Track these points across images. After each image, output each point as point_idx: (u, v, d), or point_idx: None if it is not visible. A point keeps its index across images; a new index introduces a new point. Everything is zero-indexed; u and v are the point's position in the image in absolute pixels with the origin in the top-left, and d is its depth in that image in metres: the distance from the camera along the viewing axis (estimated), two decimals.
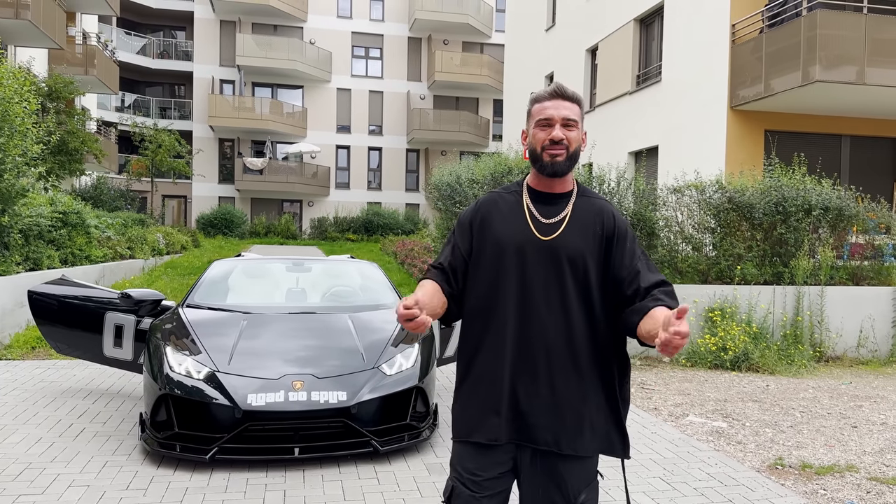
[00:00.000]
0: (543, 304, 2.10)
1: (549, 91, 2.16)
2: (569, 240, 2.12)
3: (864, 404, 6.48)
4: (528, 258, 2.12)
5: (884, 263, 9.61)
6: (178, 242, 19.62)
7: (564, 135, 2.11)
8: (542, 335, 2.09)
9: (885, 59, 11.15)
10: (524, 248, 2.13)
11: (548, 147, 2.12)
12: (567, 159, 2.13)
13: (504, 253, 2.14)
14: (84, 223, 10.97)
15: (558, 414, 2.09)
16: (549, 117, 2.13)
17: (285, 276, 6.36)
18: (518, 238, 2.14)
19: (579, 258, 2.11)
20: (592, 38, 18.39)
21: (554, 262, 2.11)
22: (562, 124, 2.12)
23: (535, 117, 2.17)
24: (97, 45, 23.47)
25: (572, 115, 2.13)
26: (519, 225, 2.16)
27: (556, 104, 2.14)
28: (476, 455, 2.15)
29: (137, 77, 35.12)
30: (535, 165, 2.17)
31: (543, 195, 2.20)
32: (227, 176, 33.66)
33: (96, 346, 5.75)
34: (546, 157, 2.13)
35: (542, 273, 2.11)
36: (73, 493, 3.92)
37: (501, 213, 2.20)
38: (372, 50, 35.12)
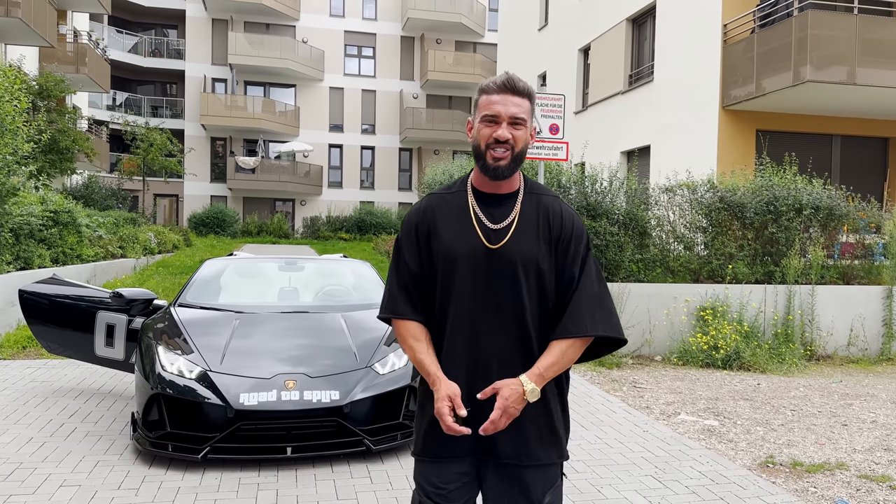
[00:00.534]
0: (496, 316, 2.02)
1: (498, 83, 2.01)
2: (518, 246, 2.02)
3: (854, 402, 6.52)
4: (478, 268, 2.02)
5: (874, 262, 9.67)
6: (170, 241, 19.55)
7: (511, 134, 1.98)
8: (496, 348, 2.02)
9: (876, 60, 11.22)
10: (473, 258, 2.02)
11: (492, 146, 1.99)
12: (511, 161, 2.00)
13: (453, 264, 2.04)
14: (75, 222, 10.92)
15: (518, 426, 2.01)
16: (496, 114, 1.99)
17: (278, 275, 6.35)
18: (466, 247, 2.03)
19: (530, 264, 2.02)
20: (585, 37, 18.42)
21: (505, 271, 2.02)
22: (509, 122, 1.99)
23: (481, 110, 2.02)
24: (88, 44, 23.35)
25: (521, 112, 1.99)
26: (466, 232, 2.04)
27: (505, 99, 1.99)
28: (438, 469, 2.09)
29: (129, 75, 34.99)
30: (478, 164, 2.05)
31: (489, 197, 2.08)
32: (219, 175, 33.58)
33: (87, 346, 5.73)
34: (489, 159, 2.00)
35: (494, 283, 2.02)
36: (64, 493, 3.90)
37: (448, 220, 2.08)
38: (365, 49, 35.09)
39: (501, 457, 2.05)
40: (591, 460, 4.69)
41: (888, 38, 11.33)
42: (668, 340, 8.37)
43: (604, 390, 6.69)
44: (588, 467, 4.55)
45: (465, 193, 2.10)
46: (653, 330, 8.34)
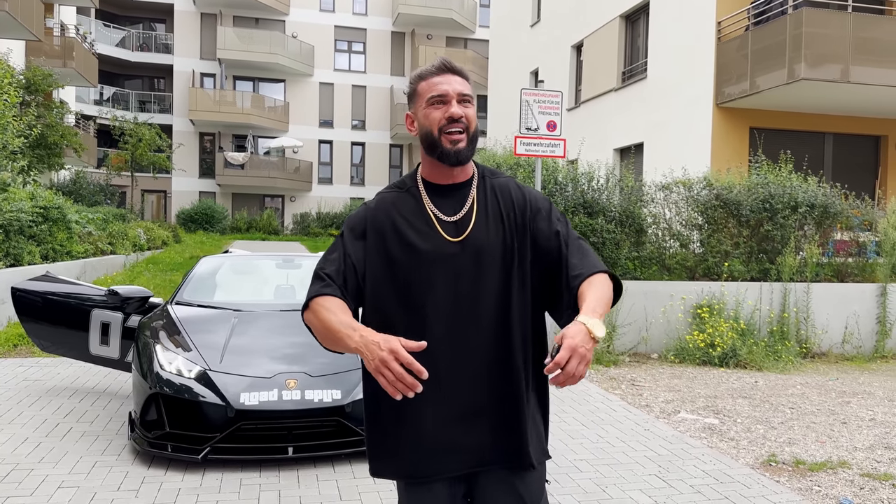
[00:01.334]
0: (472, 316, 1.84)
1: (435, 66, 1.88)
2: (481, 235, 1.87)
3: (851, 400, 6.53)
4: (443, 267, 1.84)
5: (868, 260, 9.71)
6: (159, 238, 19.39)
7: (463, 112, 1.84)
8: (478, 350, 1.84)
9: (869, 58, 11.26)
10: (435, 257, 1.84)
11: (446, 128, 1.83)
12: (469, 143, 1.86)
13: (414, 267, 1.84)
14: (65, 218, 10.79)
15: (511, 430, 1.86)
16: (444, 93, 1.84)
17: (275, 272, 6.29)
18: (425, 245, 1.85)
19: (495, 253, 1.86)
20: (578, 34, 18.40)
21: (473, 266, 1.85)
22: (458, 100, 1.84)
23: (423, 96, 1.87)
24: (76, 38, 23.09)
25: (466, 90, 1.86)
26: (422, 230, 1.87)
27: (448, 78, 1.86)
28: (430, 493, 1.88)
29: (116, 70, 34.63)
30: (434, 154, 1.87)
31: (442, 188, 1.92)
32: (208, 170, 33.35)
33: (82, 344, 5.64)
34: (447, 144, 1.83)
35: (464, 280, 1.84)
36: (63, 495, 3.83)
37: (400, 219, 1.89)
38: (355, 44, 34.93)
39: (494, 463, 1.87)
40: (594, 459, 4.66)
41: (881, 36, 11.37)
42: (665, 338, 8.37)
43: (602, 388, 6.67)
44: (591, 466, 4.52)
45: (416, 188, 1.94)
46: (649, 328, 8.33)
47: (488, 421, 1.87)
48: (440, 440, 1.85)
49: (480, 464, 1.88)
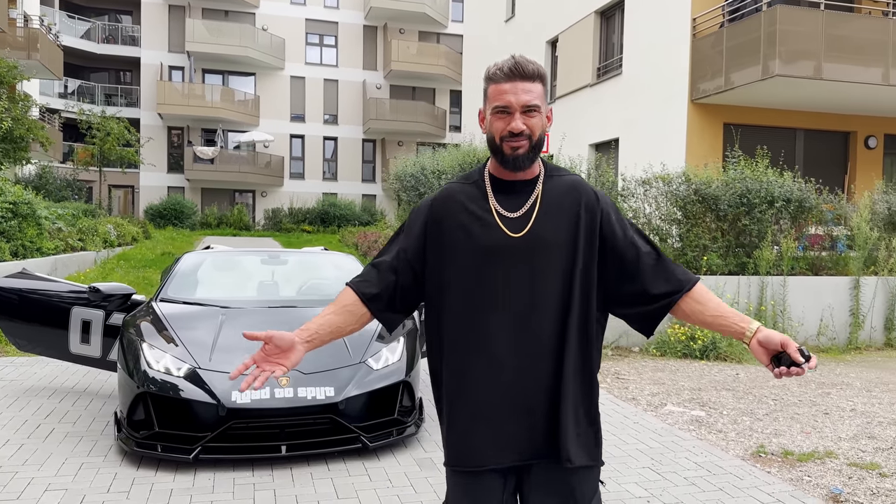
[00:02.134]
0: (530, 312, 1.86)
1: (505, 70, 1.86)
2: (543, 232, 1.88)
3: (831, 391, 6.65)
4: (504, 260, 1.87)
5: (840, 254, 9.90)
6: (129, 234, 19.03)
7: (526, 124, 1.84)
8: (534, 345, 1.86)
9: (841, 55, 11.46)
10: (496, 251, 1.87)
11: (507, 139, 1.86)
12: (530, 150, 1.87)
13: (473, 259, 1.88)
14: (35, 214, 10.54)
15: (565, 425, 1.86)
16: (507, 104, 1.84)
17: (260, 268, 6.20)
18: (486, 239, 1.88)
19: (558, 250, 1.87)
20: (552, 29, 18.45)
21: (530, 260, 1.87)
22: (522, 111, 1.84)
23: (491, 101, 1.88)
24: (40, 29, 22.53)
25: (533, 98, 1.84)
26: (485, 223, 1.89)
27: (515, 87, 1.84)
28: (479, 483, 1.90)
29: (82, 62, 33.87)
30: (496, 158, 1.91)
31: (507, 184, 1.93)
32: (176, 165, 32.83)
33: (61, 343, 5.50)
34: (507, 150, 1.87)
35: (522, 276, 1.87)
36: (51, 498, 3.73)
37: (463, 212, 1.92)
38: (326, 37, 34.62)
39: (549, 458, 1.88)
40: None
41: (852, 34, 11.59)
42: None
43: None
44: None
45: (482, 182, 1.96)
46: None
47: (539, 417, 1.88)
48: (490, 431, 1.88)
49: (529, 458, 1.90)
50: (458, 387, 1.92)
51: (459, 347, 1.91)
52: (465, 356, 1.90)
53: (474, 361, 1.89)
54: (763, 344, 1.79)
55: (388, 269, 1.97)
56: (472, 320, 1.88)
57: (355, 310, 1.96)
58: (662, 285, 1.90)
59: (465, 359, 1.90)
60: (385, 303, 1.98)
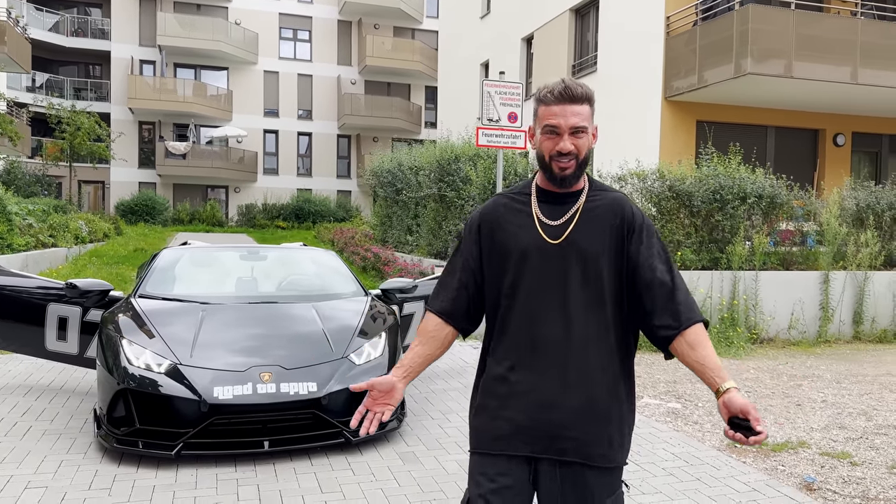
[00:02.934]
0: (558, 310, 1.99)
1: (556, 93, 1.99)
2: (579, 240, 2.01)
3: (802, 383, 6.81)
4: (539, 263, 2.02)
5: (810, 249, 10.10)
6: (101, 230, 18.75)
7: (573, 144, 1.98)
8: (560, 343, 1.98)
9: (811, 54, 11.68)
10: (534, 254, 2.02)
11: (556, 158, 2.00)
12: (577, 168, 2.02)
13: (515, 260, 2.04)
14: (5, 210, 10.36)
15: (583, 423, 1.98)
16: (556, 125, 1.98)
17: (239, 264, 6.17)
18: (526, 243, 2.04)
19: (591, 258, 2.00)
20: (528, 26, 18.53)
21: (566, 265, 2.00)
22: (570, 133, 1.98)
23: (541, 121, 2.02)
24: (7, 21, 22.06)
25: (581, 121, 1.98)
26: (527, 229, 2.06)
27: (564, 110, 1.98)
28: (494, 465, 2.03)
29: (50, 56, 33.22)
30: (545, 174, 2.06)
31: (552, 195, 2.09)
32: (147, 160, 32.41)
33: (37, 340, 5.44)
34: (556, 169, 2.01)
35: (555, 277, 2.00)
36: (31, 496, 3.70)
37: (508, 218, 2.10)
38: (300, 32, 34.38)
39: (569, 454, 1.98)
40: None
41: (822, 33, 11.82)
42: None
43: None
44: None
45: (528, 193, 2.12)
46: None
47: (562, 412, 1.99)
48: (512, 421, 2.01)
49: (546, 451, 2.00)
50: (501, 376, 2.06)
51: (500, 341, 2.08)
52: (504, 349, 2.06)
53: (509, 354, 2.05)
54: (726, 405, 1.89)
55: (458, 285, 2.13)
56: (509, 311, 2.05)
57: (438, 333, 2.13)
58: (665, 317, 1.99)
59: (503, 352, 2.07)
60: (463, 316, 2.14)
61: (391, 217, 14.84)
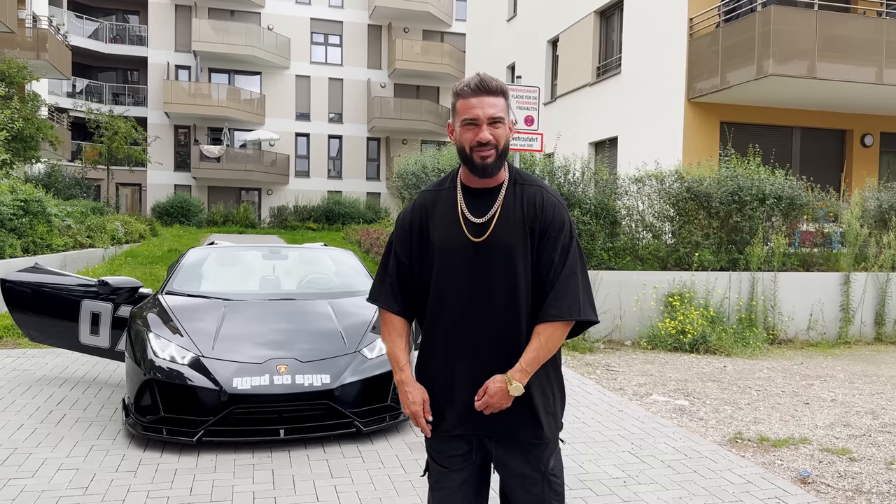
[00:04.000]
0: (482, 304, 2.14)
1: (472, 86, 2.11)
2: (497, 238, 2.14)
3: (814, 383, 6.86)
4: (463, 259, 2.15)
5: (832, 250, 10.09)
6: (137, 231, 19.32)
7: (491, 134, 2.08)
8: (484, 333, 2.15)
9: (835, 54, 11.64)
10: (459, 251, 2.15)
11: (476, 148, 2.10)
12: (497, 158, 2.11)
13: (442, 256, 2.17)
14: (45, 211, 10.81)
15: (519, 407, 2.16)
16: (475, 117, 2.09)
17: (262, 263, 6.45)
18: (453, 241, 2.16)
19: (508, 255, 2.13)
20: (553, 29, 18.65)
21: (486, 262, 2.14)
22: (488, 123, 2.09)
23: (460, 115, 2.13)
24: (49, 29, 22.85)
25: (498, 111, 2.09)
26: (453, 227, 2.17)
27: (481, 101, 2.09)
28: (444, 442, 2.25)
29: (89, 62, 34.21)
30: (467, 166, 2.16)
31: (475, 191, 2.20)
32: (183, 164, 33.17)
33: (72, 334, 5.77)
34: (476, 159, 2.11)
35: (478, 273, 2.14)
36: (63, 476, 3.99)
37: (438, 215, 2.21)
38: (331, 37, 34.88)
39: (498, 435, 2.21)
40: (571, 438, 4.90)
41: (846, 33, 11.76)
42: (638, 325, 8.66)
43: (578, 373, 6.94)
44: (568, 445, 4.76)
45: (454, 189, 2.23)
46: (623, 315, 8.61)
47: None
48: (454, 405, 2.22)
49: (485, 431, 2.21)
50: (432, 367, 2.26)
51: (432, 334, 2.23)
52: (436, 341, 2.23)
53: (442, 345, 2.22)
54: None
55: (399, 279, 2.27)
56: (437, 306, 2.20)
57: (400, 325, 2.28)
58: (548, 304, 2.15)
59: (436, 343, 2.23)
60: (410, 308, 2.30)
61: None
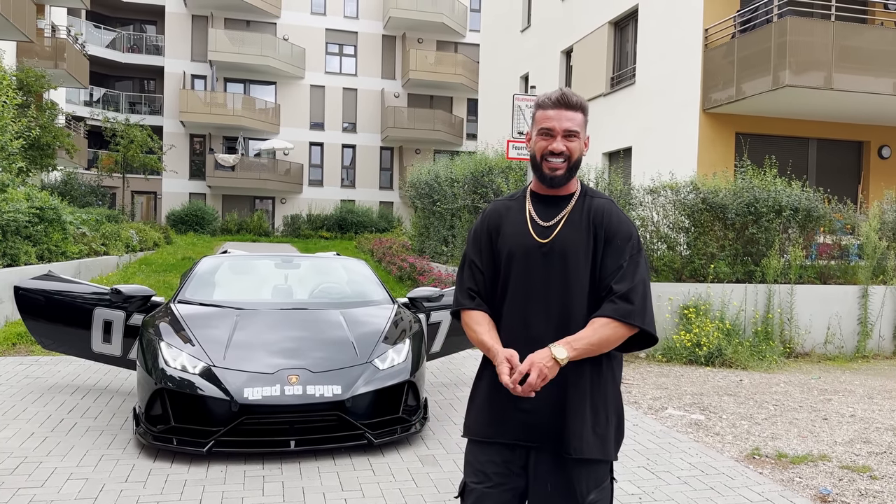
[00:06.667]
0: (544, 306, 2.16)
1: (553, 99, 2.18)
2: (564, 240, 2.17)
3: (833, 398, 6.75)
4: (530, 262, 2.18)
5: (850, 263, 9.96)
6: (151, 239, 19.44)
7: (565, 146, 2.15)
8: (543, 338, 2.11)
9: (851, 65, 11.52)
10: (525, 252, 2.19)
11: (547, 157, 2.16)
12: (567, 171, 2.18)
13: (510, 259, 2.21)
14: (60, 219, 10.87)
15: (563, 415, 2.12)
16: (551, 128, 2.16)
17: (274, 272, 6.43)
18: (520, 243, 2.21)
19: (573, 257, 2.16)
20: (567, 39, 18.63)
21: (551, 264, 2.16)
22: (563, 136, 2.16)
23: (537, 124, 2.20)
24: (67, 39, 23.11)
25: (574, 125, 2.16)
26: (521, 230, 2.23)
27: (559, 114, 2.16)
28: (487, 451, 2.21)
29: (107, 71, 34.59)
30: (536, 174, 2.23)
31: (545, 198, 2.26)
32: (198, 172, 33.35)
33: (84, 342, 5.76)
34: (546, 169, 2.18)
35: (542, 275, 2.16)
36: (72, 486, 3.96)
37: (507, 220, 2.27)
38: (346, 47, 35.04)
39: (546, 444, 2.14)
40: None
41: (863, 44, 11.65)
42: None
43: None
44: None
45: (524, 199, 2.30)
46: None
47: (543, 403, 2.14)
48: (500, 410, 2.19)
49: (528, 440, 2.16)
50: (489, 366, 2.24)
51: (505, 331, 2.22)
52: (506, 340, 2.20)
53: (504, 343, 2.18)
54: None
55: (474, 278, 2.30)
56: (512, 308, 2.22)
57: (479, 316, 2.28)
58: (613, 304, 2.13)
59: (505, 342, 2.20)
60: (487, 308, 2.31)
61: (428, 228, 15.06)
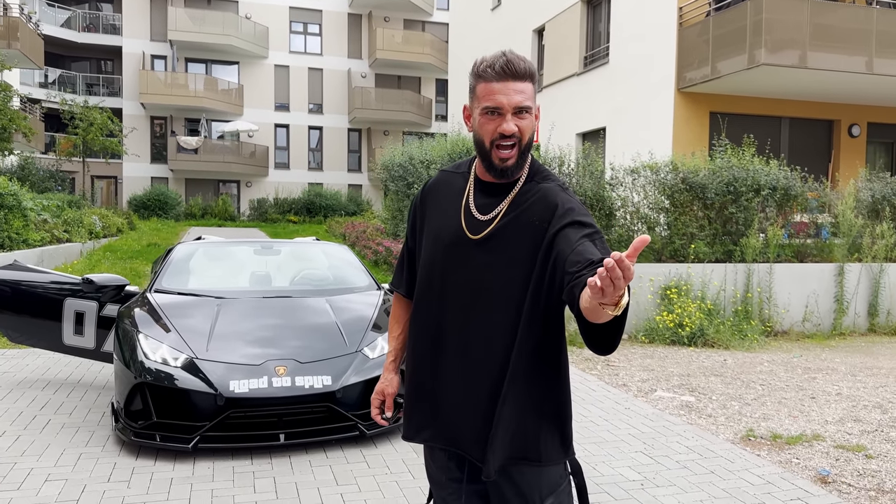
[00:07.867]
0: (476, 310, 1.84)
1: (497, 69, 1.76)
2: (497, 240, 1.83)
3: (817, 376, 6.78)
4: (456, 257, 1.87)
5: (823, 240, 10.04)
6: (114, 225, 18.88)
7: (516, 126, 1.76)
8: (477, 342, 1.83)
9: (826, 44, 11.57)
10: (452, 247, 1.88)
11: (497, 142, 1.78)
12: (518, 157, 1.80)
13: (435, 250, 1.92)
14: (20, 205, 10.44)
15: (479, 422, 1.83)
16: (499, 105, 1.76)
17: (253, 258, 6.20)
18: (448, 234, 1.90)
19: (504, 259, 1.81)
20: (539, 18, 18.45)
21: (479, 263, 1.84)
22: (513, 113, 1.76)
23: (480, 100, 1.79)
24: (20, 18, 22.21)
25: (525, 99, 1.76)
26: (453, 219, 1.91)
27: (506, 87, 1.75)
28: (432, 456, 1.99)
29: (62, 51, 33.36)
30: (483, 163, 1.85)
31: (488, 185, 1.90)
32: (159, 155, 32.53)
33: (54, 335, 5.49)
34: (495, 159, 1.79)
35: (468, 273, 1.85)
36: (51, 488, 3.74)
37: (442, 202, 1.96)
38: (311, 25, 34.35)
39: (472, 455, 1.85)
40: (581, 438, 4.75)
41: (837, 23, 11.70)
42: (635, 319, 8.53)
43: (579, 369, 6.79)
44: (579, 445, 4.60)
45: (467, 176, 1.95)
46: None
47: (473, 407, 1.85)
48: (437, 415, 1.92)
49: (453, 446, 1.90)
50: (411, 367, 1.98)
51: (415, 330, 1.98)
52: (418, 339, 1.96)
53: (424, 345, 1.94)
54: None
55: (408, 263, 2.11)
56: (426, 300, 1.94)
57: (400, 309, 2.15)
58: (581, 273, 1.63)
59: (417, 341, 1.96)
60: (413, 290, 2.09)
61: (402, 211, 14.85)
